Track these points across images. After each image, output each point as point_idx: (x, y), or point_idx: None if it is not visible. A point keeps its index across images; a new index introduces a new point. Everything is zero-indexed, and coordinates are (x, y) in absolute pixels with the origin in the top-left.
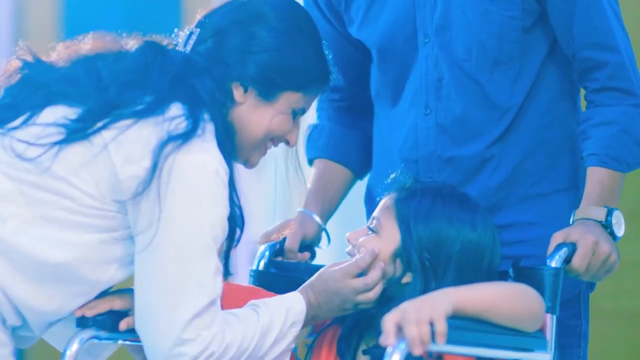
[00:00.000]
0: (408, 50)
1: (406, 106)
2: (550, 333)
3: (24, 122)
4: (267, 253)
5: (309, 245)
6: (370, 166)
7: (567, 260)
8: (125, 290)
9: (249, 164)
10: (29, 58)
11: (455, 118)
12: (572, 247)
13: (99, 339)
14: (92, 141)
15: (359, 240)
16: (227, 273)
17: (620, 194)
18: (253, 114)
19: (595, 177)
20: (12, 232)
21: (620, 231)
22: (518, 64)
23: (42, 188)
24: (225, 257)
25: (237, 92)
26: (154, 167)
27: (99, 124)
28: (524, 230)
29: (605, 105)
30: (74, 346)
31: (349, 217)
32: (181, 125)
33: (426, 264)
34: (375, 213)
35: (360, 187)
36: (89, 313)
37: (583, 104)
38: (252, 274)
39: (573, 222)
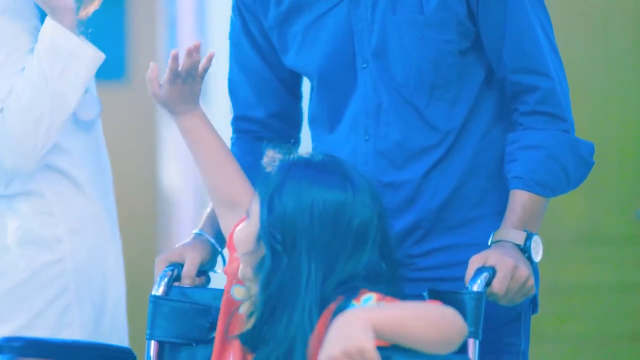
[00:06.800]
0: (347, 75)
1: (345, 132)
2: (474, 359)
3: None
4: (167, 279)
5: (204, 270)
6: None
7: (487, 283)
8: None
9: None
10: None
11: (395, 143)
12: (492, 271)
13: None
14: None
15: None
16: None
17: (542, 219)
18: None
19: (518, 200)
20: None
21: (537, 257)
22: (456, 87)
23: None
24: None
25: None
26: None
27: None
28: (462, 252)
29: (534, 128)
30: None
31: None
32: None
33: (273, 243)
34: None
35: None
36: None
37: None
38: (152, 299)
39: (491, 244)
